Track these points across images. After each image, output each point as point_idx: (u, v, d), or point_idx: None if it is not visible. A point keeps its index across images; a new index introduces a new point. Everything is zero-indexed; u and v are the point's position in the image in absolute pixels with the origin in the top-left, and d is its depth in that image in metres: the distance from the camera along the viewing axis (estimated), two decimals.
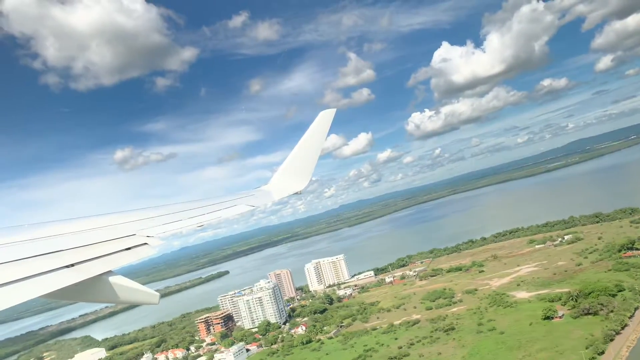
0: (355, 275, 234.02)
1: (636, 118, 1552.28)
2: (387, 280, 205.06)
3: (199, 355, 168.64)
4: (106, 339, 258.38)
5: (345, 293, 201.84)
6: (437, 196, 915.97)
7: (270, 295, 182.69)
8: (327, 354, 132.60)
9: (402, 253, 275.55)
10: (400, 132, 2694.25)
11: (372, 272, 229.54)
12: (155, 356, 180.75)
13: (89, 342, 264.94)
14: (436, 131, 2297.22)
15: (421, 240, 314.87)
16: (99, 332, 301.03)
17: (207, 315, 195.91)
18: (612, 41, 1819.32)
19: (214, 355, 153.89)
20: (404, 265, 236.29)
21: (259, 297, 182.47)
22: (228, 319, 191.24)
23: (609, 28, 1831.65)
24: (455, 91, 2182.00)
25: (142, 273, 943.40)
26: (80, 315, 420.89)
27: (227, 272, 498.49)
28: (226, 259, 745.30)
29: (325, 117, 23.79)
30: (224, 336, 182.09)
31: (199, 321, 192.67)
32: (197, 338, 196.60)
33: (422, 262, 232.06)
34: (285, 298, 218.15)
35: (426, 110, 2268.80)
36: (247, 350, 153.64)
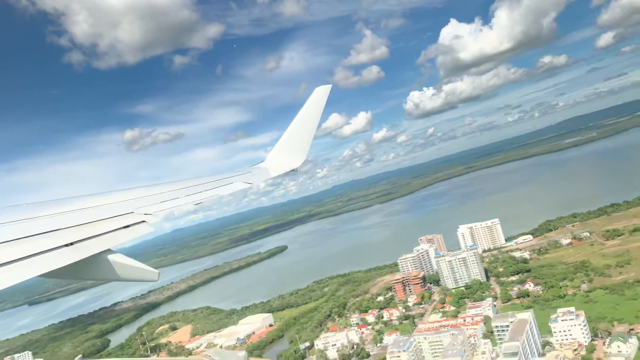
0: (510, 239, 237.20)
1: (625, 96, 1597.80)
2: (564, 242, 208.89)
3: (421, 314, 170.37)
4: (245, 307, 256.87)
5: (522, 255, 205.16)
6: (455, 173, 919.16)
7: (474, 255, 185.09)
8: (617, 305, 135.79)
9: (515, 220, 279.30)
10: (399, 110, 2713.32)
11: (529, 236, 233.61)
12: (360, 316, 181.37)
13: (219, 312, 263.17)
14: (434, 110, 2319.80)
15: (527, 209, 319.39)
16: (209, 303, 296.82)
17: (402, 276, 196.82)
18: (617, 17, 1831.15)
19: (464, 309, 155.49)
20: (551, 230, 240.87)
21: (463, 258, 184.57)
22: (423, 279, 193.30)
23: (616, 4, 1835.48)
24: (460, 69, 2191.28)
25: (153, 255, 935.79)
26: (149, 292, 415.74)
27: (286, 247, 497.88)
28: (255, 238, 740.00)
29: (320, 93, 24.14)
30: (426, 296, 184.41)
31: (394, 282, 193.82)
32: (380, 299, 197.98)
33: (573, 226, 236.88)
34: None
35: (424, 89, 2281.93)
36: (494, 305, 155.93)
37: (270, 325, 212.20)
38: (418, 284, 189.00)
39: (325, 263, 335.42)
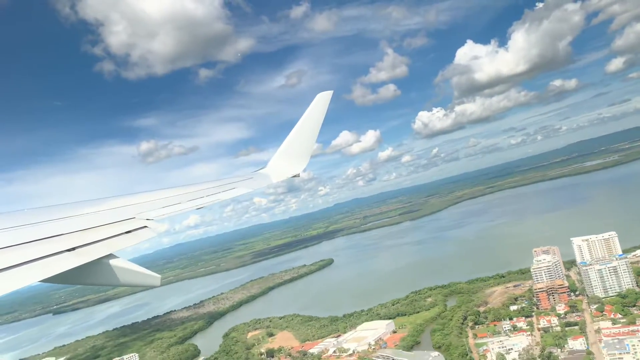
0: (627, 252, 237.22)
1: (626, 122, 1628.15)
2: None
3: (582, 322, 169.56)
4: (348, 314, 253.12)
5: None
6: (477, 192, 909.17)
7: (625, 264, 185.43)
8: None
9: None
10: (407, 130, 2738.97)
11: None
12: (511, 323, 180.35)
13: (316, 320, 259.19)
14: (442, 130, 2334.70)
15: (606, 224, 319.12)
16: (284, 312, 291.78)
17: (546, 285, 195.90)
18: (631, 43, 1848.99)
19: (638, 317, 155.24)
20: None
21: (613, 267, 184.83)
22: (568, 288, 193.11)
23: (630, 30, 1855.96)
24: (475, 90, 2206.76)
25: (164, 267, 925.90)
26: (201, 301, 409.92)
27: (332, 261, 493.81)
28: (281, 252, 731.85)
29: (322, 99, 24.52)
30: (578, 304, 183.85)
31: (538, 291, 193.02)
32: (514, 308, 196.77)
33: None
34: (565, 273, 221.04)
35: (434, 109, 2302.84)
36: None
37: (394, 332, 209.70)
38: (564, 292, 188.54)
39: (399, 275, 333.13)
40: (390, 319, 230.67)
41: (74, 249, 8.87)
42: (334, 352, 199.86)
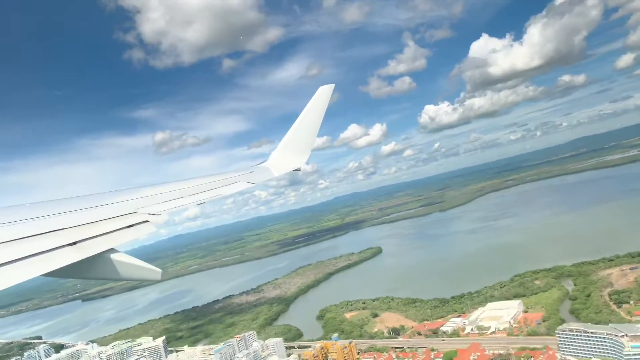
0: None
1: (625, 119, 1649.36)
2: None
3: None
4: (456, 296, 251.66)
5: None
6: (496, 185, 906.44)
7: None
8: None
9: None
10: (413, 124, 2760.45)
11: None
12: None
13: (420, 302, 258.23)
14: (449, 124, 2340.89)
15: None
16: (361, 295, 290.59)
17: None
18: None
19: None
20: None
21: None
22: None
23: None
24: (487, 84, 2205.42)
25: (174, 257, 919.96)
26: (258, 286, 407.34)
27: (380, 250, 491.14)
28: (308, 242, 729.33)
29: (324, 93, 24.97)
30: None
31: None
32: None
33: None
34: None
35: (440, 102, 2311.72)
36: None
37: (525, 311, 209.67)
38: None
39: (479, 260, 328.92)
40: (508, 299, 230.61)
41: (75, 243, 8.93)
42: (472, 330, 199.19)
